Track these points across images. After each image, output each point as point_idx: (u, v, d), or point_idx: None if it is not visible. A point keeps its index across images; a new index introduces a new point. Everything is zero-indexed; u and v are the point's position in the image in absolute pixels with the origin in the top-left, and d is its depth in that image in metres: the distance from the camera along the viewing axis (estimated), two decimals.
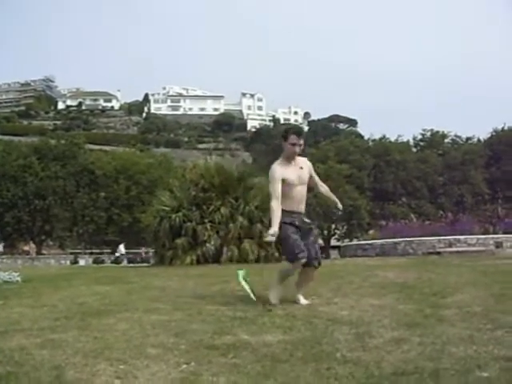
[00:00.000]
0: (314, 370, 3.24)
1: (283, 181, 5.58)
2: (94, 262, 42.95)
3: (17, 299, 6.84)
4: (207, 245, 13.49)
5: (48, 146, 53.52)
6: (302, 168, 5.74)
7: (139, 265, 25.42)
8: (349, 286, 6.83)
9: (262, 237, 13.73)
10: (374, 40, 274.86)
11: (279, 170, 5.64)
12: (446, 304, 5.35)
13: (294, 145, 5.64)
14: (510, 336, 3.90)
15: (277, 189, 5.55)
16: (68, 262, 41.68)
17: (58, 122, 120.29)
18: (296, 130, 5.83)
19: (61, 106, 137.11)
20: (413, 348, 3.63)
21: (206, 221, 13.86)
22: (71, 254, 47.97)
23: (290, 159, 5.71)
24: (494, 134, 75.42)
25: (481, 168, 68.26)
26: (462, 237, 16.53)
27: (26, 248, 51.98)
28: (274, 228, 5.37)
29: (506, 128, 75.75)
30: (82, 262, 41.69)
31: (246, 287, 5.88)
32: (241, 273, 6.18)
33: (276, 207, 5.48)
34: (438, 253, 15.15)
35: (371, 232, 36.73)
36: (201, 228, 13.73)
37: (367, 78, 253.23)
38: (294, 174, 5.67)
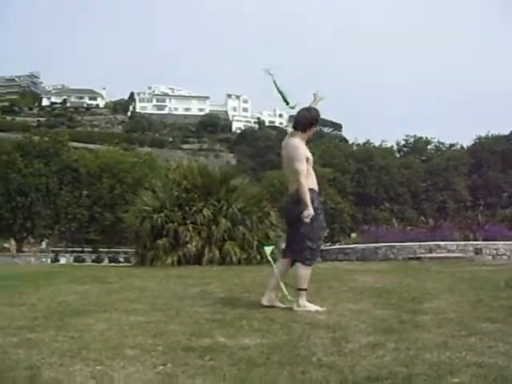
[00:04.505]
0: (290, 373, 3.28)
1: (306, 159, 5.53)
2: (75, 260, 42.79)
3: None
4: (188, 246, 13.46)
5: (31, 143, 53.17)
6: None
7: (120, 264, 25.35)
8: (328, 290, 6.87)
9: (244, 239, 13.79)
10: (361, 44, 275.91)
11: (304, 148, 5.60)
12: (422, 310, 5.41)
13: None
14: (483, 342, 3.97)
15: (304, 167, 5.46)
16: (49, 260, 41.43)
17: (42, 119, 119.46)
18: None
19: (45, 102, 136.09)
20: (387, 353, 3.68)
21: (188, 222, 13.83)
22: (52, 252, 47.70)
23: (306, 142, 5.72)
24: (477, 141, 76.21)
25: (463, 175, 68.88)
26: (442, 243, 16.64)
27: (6, 245, 51.59)
28: (310, 209, 5.32)
29: (489, 136, 76.58)
30: (62, 261, 41.48)
31: (273, 263, 5.85)
32: (268, 249, 6.17)
33: (306, 186, 5.40)
34: (419, 258, 15.25)
35: (353, 236, 36.89)
36: (183, 229, 13.69)
37: (353, 82, 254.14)
38: (310, 153, 5.67)
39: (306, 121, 5.68)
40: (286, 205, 5.81)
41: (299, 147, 5.54)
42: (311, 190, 5.51)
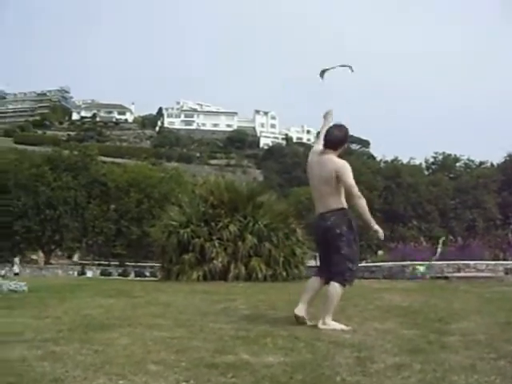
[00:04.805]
0: None
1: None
2: (102, 273, 43.07)
3: (21, 309, 6.86)
4: (214, 262, 13.48)
5: (61, 157, 53.88)
6: None
7: (146, 279, 25.42)
8: (353, 309, 6.79)
9: (270, 256, 13.75)
10: (388, 60, 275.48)
11: None
12: (450, 330, 5.31)
13: None
14: None
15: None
16: (75, 273, 41.80)
17: (72, 133, 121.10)
18: None
19: (75, 116, 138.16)
20: (413, 374, 3.60)
21: (214, 238, 13.86)
22: (79, 264, 48.11)
23: None
24: (507, 158, 75.26)
25: (493, 192, 67.98)
26: (471, 262, 16.40)
27: (35, 257, 52.18)
28: (375, 225, 5.41)
29: None
30: (89, 274, 41.80)
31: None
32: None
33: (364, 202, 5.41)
34: (446, 277, 15.04)
35: (380, 253, 36.52)
36: (209, 245, 13.73)
37: (381, 98, 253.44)
38: None
39: (337, 139, 5.60)
40: (320, 225, 5.60)
41: (346, 164, 5.48)
42: (348, 209, 5.54)
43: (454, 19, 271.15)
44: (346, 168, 5.45)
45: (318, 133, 6.20)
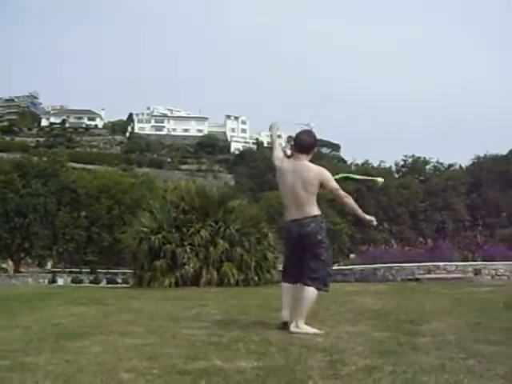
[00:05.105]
0: None
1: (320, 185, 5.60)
2: (73, 281, 42.61)
3: None
4: (186, 267, 13.44)
5: (30, 163, 53.20)
6: None
7: (118, 286, 25.23)
8: (325, 312, 6.83)
9: (242, 260, 13.76)
10: (358, 65, 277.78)
11: None
12: (421, 332, 5.37)
13: None
14: (482, 365, 3.93)
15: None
16: (46, 281, 41.28)
17: (41, 139, 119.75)
18: None
19: (44, 123, 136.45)
20: (384, 376, 3.64)
21: (186, 243, 13.82)
22: (49, 272, 47.54)
23: None
24: (475, 160, 76.50)
25: (462, 195, 68.96)
26: (441, 263, 16.58)
27: (4, 266, 51.42)
28: (368, 216, 5.73)
29: (487, 155, 76.91)
30: (60, 281, 41.30)
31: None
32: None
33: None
34: (417, 279, 15.20)
35: (352, 257, 36.79)
36: (180, 250, 13.68)
37: (351, 103, 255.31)
38: None
39: (308, 144, 5.70)
40: (298, 231, 5.58)
41: (325, 170, 5.61)
42: (321, 215, 5.63)
43: (399, 19, 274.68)
44: (327, 173, 5.60)
45: (289, 137, 6.32)
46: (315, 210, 5.58)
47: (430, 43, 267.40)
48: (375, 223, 5.75)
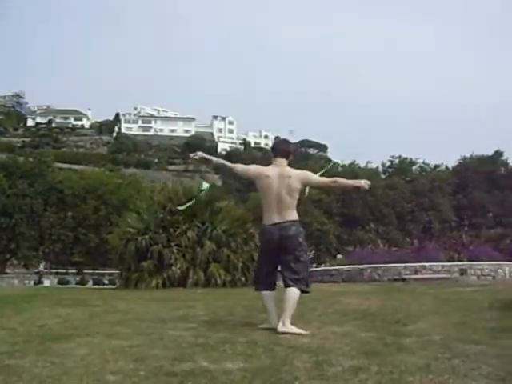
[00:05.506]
0: None
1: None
2: (59, 282, 42.39)
3: None
4: (173, 268, 13.43)
5: (16, 163, 52.91)
6: None
7: (105, 287, 25.14)
8: (312, 313, 6.85)
9: (229, 261, 13.75)
10: (346, 65, 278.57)
11: None
12: (406, 332, 5.41)
13: None
14: (466, 365, 3.96)
15: None
16: (32, 282, 41.03)
17: (27, 139, 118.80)
18: None
19: (30, 123, 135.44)
20: (370, 377, 3.66)
21: (173, 244, 13.81)
22: (36, 273, 47.23)
23: None
24: (461, 161, 76.93)
25: (448, 195, 69.29)
26: (427, 264, 16.68)
27: None
28: (358, 182, 5.97)
29: (473, 156, 77.37)
30: (46, 283, 41.07)
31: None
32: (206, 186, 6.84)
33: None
34: (404, 279, 15.28)
35: (339, 257, 36.89)
36: (167, 251, 13.67)
37: (338, 103, 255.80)
38: None
39: (286, 150, 5.97)
40: (279, 233, 5.65)
41: (304, 171, 5.98)
42: (299, 221, 5.75)
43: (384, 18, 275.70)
44: (308, 172, 5.96)
45: (276, 138, 6.52)
46: (295, 215, 5.75)
47: (420, 43, 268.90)
48: (369, 183, 5.87)
